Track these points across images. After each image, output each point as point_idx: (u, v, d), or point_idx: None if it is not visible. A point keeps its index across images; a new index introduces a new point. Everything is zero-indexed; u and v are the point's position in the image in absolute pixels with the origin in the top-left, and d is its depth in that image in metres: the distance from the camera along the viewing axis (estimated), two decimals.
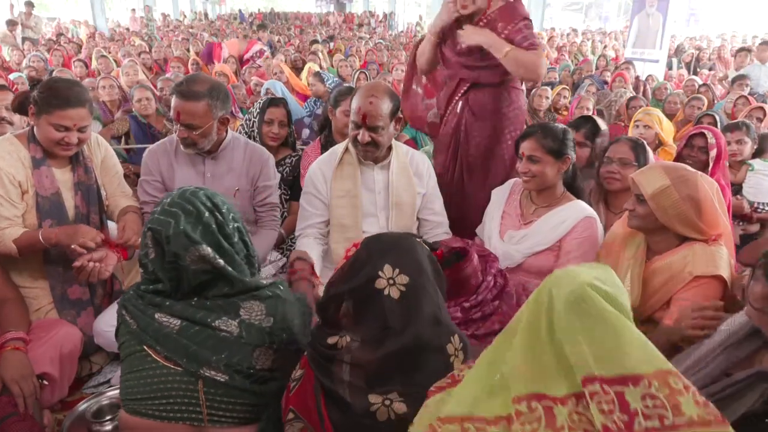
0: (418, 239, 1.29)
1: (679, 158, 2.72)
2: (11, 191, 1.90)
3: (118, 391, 1.81)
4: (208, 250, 1.25)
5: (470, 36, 2.37)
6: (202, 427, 1.25)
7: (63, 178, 2.02)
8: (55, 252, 1.97)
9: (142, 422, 1.24)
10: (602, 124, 2.84)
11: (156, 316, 1.27)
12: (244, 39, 9.26)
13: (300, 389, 1.22)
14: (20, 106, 1.97)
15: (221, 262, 1.27)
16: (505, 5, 2.40)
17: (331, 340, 1.18)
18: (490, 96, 2.48)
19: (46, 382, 1.76)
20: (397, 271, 1.15)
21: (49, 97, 1.86)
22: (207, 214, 1.29)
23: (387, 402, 1.10)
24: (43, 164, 1.95)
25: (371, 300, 1.15)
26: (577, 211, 2.04)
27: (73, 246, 1.84)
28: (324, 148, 2.74)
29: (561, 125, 2.15)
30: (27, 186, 1.93)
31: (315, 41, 9.26)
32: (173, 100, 2.05)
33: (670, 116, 4.65)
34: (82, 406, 1.77)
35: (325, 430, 1.14)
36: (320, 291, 1.72)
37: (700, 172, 1.76)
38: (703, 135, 2.65)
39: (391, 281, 1.14)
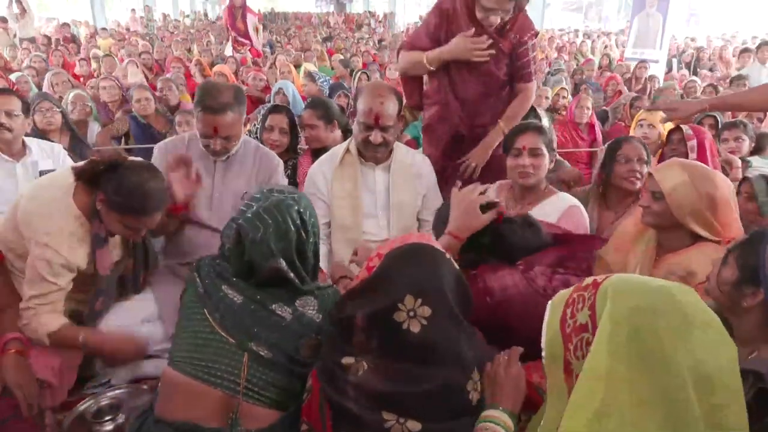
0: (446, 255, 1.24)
1: (662, 158, 2.81)
2: (68, 278, 1.75)
3: (118, 391, 1.83)
4: (282, 264, 1.36)
5: (479, 158, 2.43)
6: (236, 398, 1.30)
7: (116, 249, 1.91)
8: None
9: (183, 378, 1.32)
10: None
11: (223, 287, 1.39)
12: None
13: (310, 401, 1.20)
14: (90, 180, 1.73)
15: (291, 275, 1.38)
16: (517, 17, 2.36)
17: (346, 361, 1.15)
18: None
19: (45, 385, 1.75)
20: (419, 302, 1.10)
21: (123, 203, 1.67)
22: (293, 230, 1.39)
23: (401, 420, 1.08)
24: (106, 243, 1.80)
25: (388, 330, 1.12)
26: (561, 201, 2.09)
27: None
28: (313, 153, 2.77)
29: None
30: (83, 265, 1.77)
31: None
32: (203, 116, 1.98)
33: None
34: (82, 406, 1.76)
35: None
36: None
37: (718, 171, 1.77)
38: (679, 129, 2.79)
39: (412, 313, 1.10)
